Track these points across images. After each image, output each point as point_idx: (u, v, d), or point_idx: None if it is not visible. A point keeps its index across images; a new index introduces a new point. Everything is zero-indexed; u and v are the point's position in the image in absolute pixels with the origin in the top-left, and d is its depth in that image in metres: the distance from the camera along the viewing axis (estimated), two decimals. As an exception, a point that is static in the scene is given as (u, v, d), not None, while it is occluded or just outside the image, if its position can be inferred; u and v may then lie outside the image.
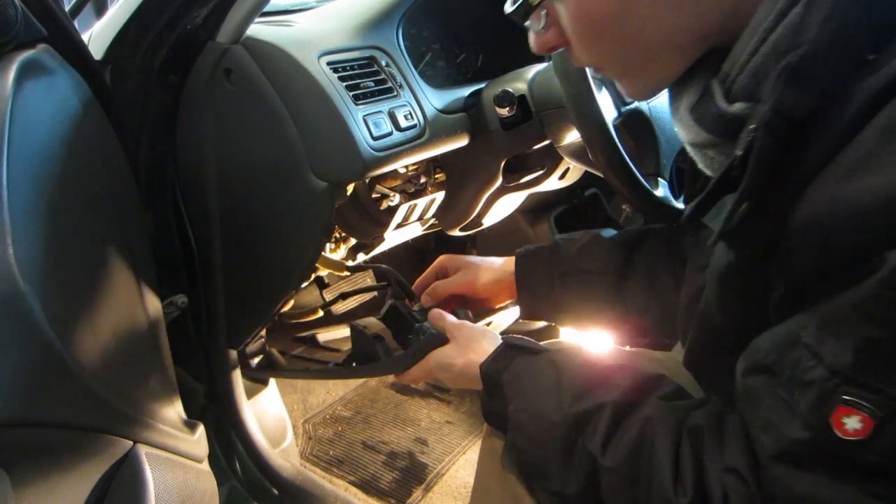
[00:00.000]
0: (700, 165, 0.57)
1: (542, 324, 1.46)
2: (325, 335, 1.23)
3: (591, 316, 0.90)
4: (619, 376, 0.64)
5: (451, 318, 0.84)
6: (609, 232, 0.91)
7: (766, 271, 0.49)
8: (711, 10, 0.50)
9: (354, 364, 0.94)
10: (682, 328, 0.67)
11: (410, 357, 0.83)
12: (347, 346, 1.20)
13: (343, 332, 1.33)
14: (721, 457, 0.52)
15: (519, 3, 0.55)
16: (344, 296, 1.19)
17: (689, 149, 0.57)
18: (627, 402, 0.60)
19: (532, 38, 0.60)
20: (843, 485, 0.43)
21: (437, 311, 0.86)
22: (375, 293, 1.25)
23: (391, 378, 1.45)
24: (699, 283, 0.63)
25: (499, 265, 0.94)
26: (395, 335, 0.91)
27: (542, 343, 0.91)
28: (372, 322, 0.94)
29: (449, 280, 0.95)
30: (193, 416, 0.92)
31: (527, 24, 0.58)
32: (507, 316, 1.00)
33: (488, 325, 0.96)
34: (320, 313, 1.23)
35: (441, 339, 0.81)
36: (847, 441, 0.41)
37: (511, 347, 0.73)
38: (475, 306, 0.97)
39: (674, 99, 0.57)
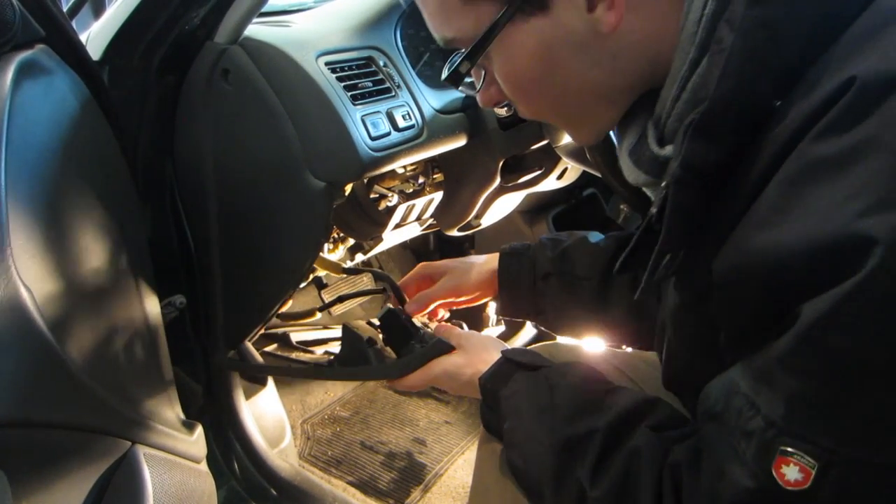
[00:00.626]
0: (651, 196, 0.58)
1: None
2: (298, 335, 1.21)
3: (571, 320, 0.90)
4: (612, 399, 0.63)
5: (457, 329, 0.84)
6: (596, 236, 0.91)
7: (709, 313, 0.49)
8: (630, 63, 0.53)
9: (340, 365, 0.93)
10: (658, 349, 0.67)
11: (411, 363, 0.81)
12: (322, 347, 1.19)
13: (317, 333, 1.31)
14: (697, 494, 0.52)
15: (450, 71, 0.58)
16: (342, 298, 1.19)
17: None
18: (618, 430, 0.60)
19: (478, 95, 0.62)
20: None
21: (444, 324, 0.86)
22: (370, 296, 1.24)
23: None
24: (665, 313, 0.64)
25: (482, 263, 0.93)
26: (389, 340, 0.89)
27: (538, 345, 0.91)
28: (362, 325, 0.93)
29: (435, 288, 0.93)
30: (192, 416, 0.92)
31: (463, 87, 0.60)
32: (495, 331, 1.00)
33: None
34: (318, 315, 1.22)
35: (446, 347, 0.79)
36: (790, 491, 0.41)
37: (509, 362, 0.72)
38: (460, 307, 0.97)
39: (619, 139, 0.59)
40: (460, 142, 1.09)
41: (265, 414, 1.27)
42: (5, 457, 0.57)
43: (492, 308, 1.10)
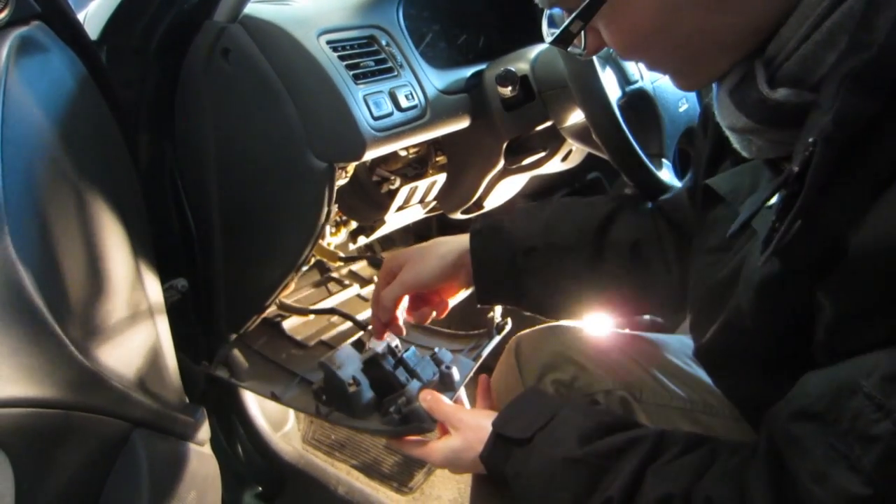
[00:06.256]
0: (736, 146, 0.55)
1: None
2: (290, 323, 1.20)
3: (561, 295, 0.83)
4: (618, 463, 0.61)
5: (446, 401, 0.80)
6: (574, 200, 0.86)
7: (813, 288, 0.46)
8: (758, 5, 0.48)
9: (325, 397, 0.91)
10: (695, 317, 0.63)
11: (385, 433, 0.83)
12: (315, 339, 1.18)
13: (312, 323, 1.29)
14: None
15: (561, 31, 0.53)
16: (334, 311, 1.19)
17: (726, 131, 0.55)
18: (631, 492, 0.58)
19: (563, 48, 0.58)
20: None
21: (428, 392, 0.81)
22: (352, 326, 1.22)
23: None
24: (721, 273, 0.59)
25: (447, 246, 0.84)
26: (374, 386, 0.89)
27: (544, 325, 0.89)
28: (348, 352, 0.92)
29: (394, 284, 0.84)
30: (195, 400, 0.92)
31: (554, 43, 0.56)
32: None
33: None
34: (311, 317, 1.22)
35: (423, 428, 0.79)
36: None
37: (501, 438, 0.70)
38: (431, 302, 0.89)
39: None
40: (464, 123, 1.07)
41: (268, 398, 1.27)
42: (6, 438, 0.56)
43: (498, 310, 1.07)
